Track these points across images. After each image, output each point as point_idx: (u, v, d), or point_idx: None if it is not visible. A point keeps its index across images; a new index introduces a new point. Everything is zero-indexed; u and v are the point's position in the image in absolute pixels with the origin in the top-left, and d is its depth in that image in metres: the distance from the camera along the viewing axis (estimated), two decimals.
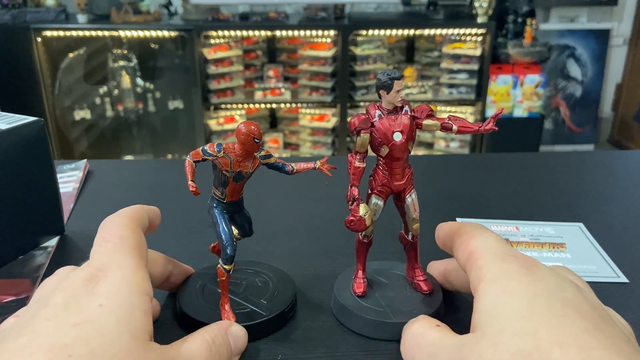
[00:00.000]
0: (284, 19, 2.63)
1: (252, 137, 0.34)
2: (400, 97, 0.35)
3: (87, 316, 0.27)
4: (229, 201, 0.38)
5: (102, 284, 0.29)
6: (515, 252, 0.33)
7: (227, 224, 0.37)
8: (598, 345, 0.25)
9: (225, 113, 2.76)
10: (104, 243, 0.32)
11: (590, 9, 3.06)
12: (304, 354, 0.36)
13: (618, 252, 0.49)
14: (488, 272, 0.31)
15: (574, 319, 0.27)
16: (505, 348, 0.27)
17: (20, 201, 0.48)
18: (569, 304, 0.28)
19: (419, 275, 0.40)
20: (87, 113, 2.74)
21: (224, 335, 0.34)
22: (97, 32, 2.59)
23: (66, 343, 0.26)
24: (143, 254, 0.33)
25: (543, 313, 0.28)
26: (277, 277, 0.42)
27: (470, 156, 1.72)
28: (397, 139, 0.36)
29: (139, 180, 0.66)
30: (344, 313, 0.39)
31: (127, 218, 0.34)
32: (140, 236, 0.34)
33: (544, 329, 0.27)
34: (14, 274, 0.46)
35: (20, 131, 0.46)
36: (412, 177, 0.38)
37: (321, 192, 0.60)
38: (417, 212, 0.38)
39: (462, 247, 0.35)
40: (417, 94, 2.73)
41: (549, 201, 0.59)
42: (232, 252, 0.37)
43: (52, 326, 0.27)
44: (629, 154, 0.93)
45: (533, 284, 0.29)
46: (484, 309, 0.30)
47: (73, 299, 0.28)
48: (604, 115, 3.26)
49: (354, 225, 0.36)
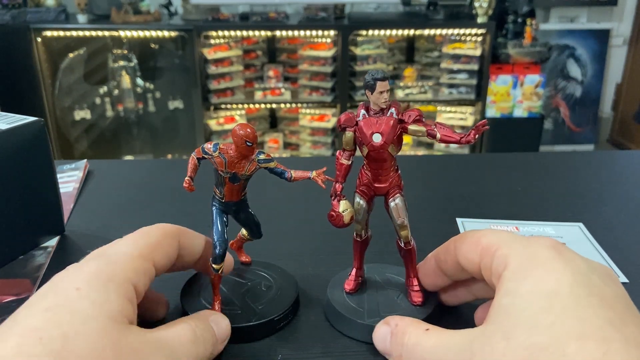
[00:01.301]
0: (284, 19, 2.63)
1: (244, 140, 0.34)
2: (384, 99, 0.35)
3: (60, 300, 0.28)
4: (227, 201, 0.38)
5: (86, 268, 0.30)
6: (533, 236, 0.31)
7: (221, 223, 0.38)
8: (620, 338, 0.24)
9: (225, 113, 2.76)
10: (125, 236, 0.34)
11: (590, 9, 3.06)
12: (303, 353, 0.36)
13: (618, 252, 0.49)
14: (514, 259, 0.29)
15: (598, 309, 0.26)
16: (519, 342, 0.25)
17: (21, 201, 0.47)
18: (595, 292, 0.26)
19: (413, 285, 0.39)
20: (87, 113, 2.74)
21: (207, 322, 0.34)
22: (97, 32, 2.59)
23: (37, 327, 0.26)
24: (150, 254, 0.33)
25: (565, 303, 0.26)
26: (282, 284, 0.42)
27: (470, 156, 1.72)
28: (375, 140, 0.35)
29: (139, 180, 0.66)
30: (329, 308, 0.39)
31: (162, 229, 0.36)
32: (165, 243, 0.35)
33: (563, 321, 0.25)
34: (14, 274, 0.46)
35: (20, 131, 0.46)
36: (400, 181, 0.37)
37: (322, 192, 0.60)
38: (402, 218, 0.37)
39: (472, 248, 0.32)
40: (417, 94, 2.73)
41: (549, 201, 0.59)
42: (220, 251, 0.37)
43: (26, 312, 0.28)
44: (629, 154, 0.93)
45: (561, 269, 0.28)
46: (504, 298, 0.28)
47: (52, 286, 0.29)
48: (603, 115, 3.26)
49: (332, 220, 0.37)
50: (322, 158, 0.81)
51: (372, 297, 0.40)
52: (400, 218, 0.37)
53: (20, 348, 0.25)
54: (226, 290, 0.41)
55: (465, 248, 0.33)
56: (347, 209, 0.37)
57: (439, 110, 2.79)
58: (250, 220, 0.40)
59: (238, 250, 0.44)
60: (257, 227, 0.41)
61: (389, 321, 0.34)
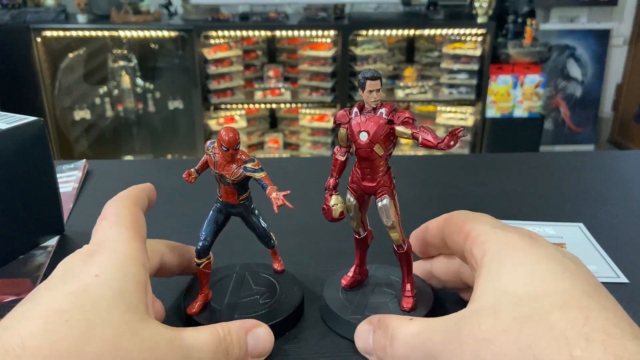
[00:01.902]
0: (284, 19, 2.63)
1: (221, 143, 0.35)
2: (373, 98, 0.35)
3: (82, 285, 0.28)
4: (225, 202, 0.38)
5: (98, 256, 0.30)
6: (512, 226, 0.33)
7: (211, 220, 0.38)
8: (597, 306, 0.26)
9: (225, 113, 2.76)
10: (102, 222, 0.34)
11: (590, 9, 3.06)
12: (303, 353, 0.36)
13: (618, 252, 0.49)
14: (492, 245, 0.31)
15: (575, 282, 0.28)
16: (506, 314, 0.27)
17: (21, 201, 0.47)
18: (569, 269, 0.29)
19: (405, 290, 0.38)
20: (87, 113, 2.74)
21: (242, 334, 0.33)
22: (97, 32, 2.59)
23: (62, 309, 0.27)
24: (139, 228, 0.34)
25: (545, 279, 0.28)
26: (284, 298, 0.39)
27: (470, 156, 1.73)
28: (362, 139, 0.35)
29: (138, 180, 0.65)
30: (322, 303, 0.40)
31: (123, 198, 0.36)
32: (136, 212, 0.35)
33: (545, 294, 0.27)
34: (15, 273, 0.46)
35: (20, 131, 0.46)
36: (390, 183, 0.37)
37: (324, 193, 0.60)
38: (390, 220, 0.36)
39: (457, 230, 0.34)
40: (417, 94, 2.73)
41: (549, 201, 0.59)
42: (199, 247, 0.37)
43: (49, 295, 0.28)
44: (629, 154, 0.93)
45: (536, 251, 0.30)
46: (487, 281, 0.30)
47: (70, 271, 0.30)
48: (604, 116, 3.26)
49: (324, 213, 0.38)
50: (322, 158, 0.81)
51: (365, 296, 0.40)
52: (387, 219, 0.37)
53: (46, 327, 0.26)
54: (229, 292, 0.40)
55: (450, 230, 0.35)
56: (338, 203, 0.37)
57: (439, 111, 2.79)
58: (254, 227, 0.40)
59: (272, 256, 0.43)
60: (262, 237, 0.40)
61: (371, 320, 0.34)
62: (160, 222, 0.38)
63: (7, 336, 0.25)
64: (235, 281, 0.41)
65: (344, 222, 0.37)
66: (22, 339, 0.25)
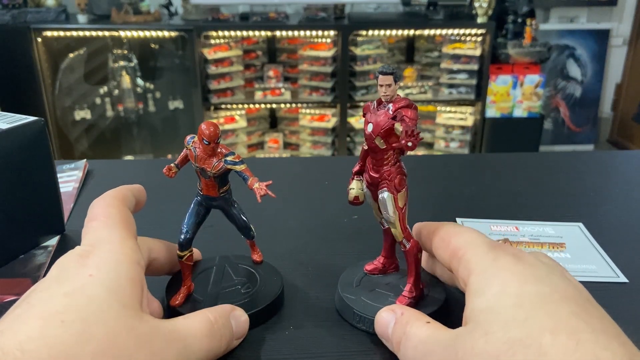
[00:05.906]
0: (284, 19, 2.63)
1: (202, 137, 0.35)
2: (382, 92, 0.35)
3: (77, 286, 0.29)
4: (205, 195, 0.38)
5: (92, 256, 0.31)
6: (498, 243, 0.33)
7: (192, 213, 0.39)
8: (587, 329, 0.26)
9: (225, 113, 2.76)
10: (91, 223, 0.34)
11: (590, 9, 3.06)
12: (303, 353, 0.36)
13: (618, 252, 0.49)
14: (477, 265, 0.32)
15: (563, 304, 0.28)
16: (497, 337, 0.27)
17: (21, 201, 0.48)
18: (557, 289, 0.29)
19: (405, 289, 0.38)
20: (87, 113, 2.74)
21: (227, 317, 0.34)
22: (97, 32, 2.59)
23: (58, 310, 0.27)
24: (130, 227, 0.34)
25: (533, 300, 0.28)
26: (264, 288, 0.40)
27: (470, 156, 1.73)
28: (368, 130, 0.36)
29: (138, 180, 0.65)
30: (337, 291, 0.40)
31: (110, 198, 0.36)
32: (125, 211, 0.35)
33: (535, 316, 0.27)
34: (15, 273, 0.46)
35: (20, 131, 0.46)
36: (392, 177, 0.37)
37: (323, 193, 0.60)
38: (389, 214, 0.36)
39: (442, 246, 0.35)
40: (417, 94, 2.73)
41: (549, 201, 0.59)
42: (181, 240, 0.38)
43: (44, 296, 0.28)
44: (628, 154, 0.93)
45: (522, 272, 0.30)
46: (475, 301, 0.30)
47: (65, 272, 0.30)
48: (603, 115, 3.26)
49: (347, 194, 0.38)
50: (322, 158, 0.81)
51: (380, 290, 0.40)
52: (385, 213, 0.37)
53: (43, 330, 0.26)
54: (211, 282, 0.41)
55: (437, 245, 0.36)
56: (355, 188, 0.38)
57: (438, 111, 2.79)
58: (234, 219, 0.40)
59: (251, 247, 0.43)
60: (242, 228, 0.41)
61: (394, 309, 0.35)
62: (161, 223, 0.38)
63: (5, 340, 0.25)
64: (216, 273, 0.42)
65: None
66: (20, 343, 0.25)
